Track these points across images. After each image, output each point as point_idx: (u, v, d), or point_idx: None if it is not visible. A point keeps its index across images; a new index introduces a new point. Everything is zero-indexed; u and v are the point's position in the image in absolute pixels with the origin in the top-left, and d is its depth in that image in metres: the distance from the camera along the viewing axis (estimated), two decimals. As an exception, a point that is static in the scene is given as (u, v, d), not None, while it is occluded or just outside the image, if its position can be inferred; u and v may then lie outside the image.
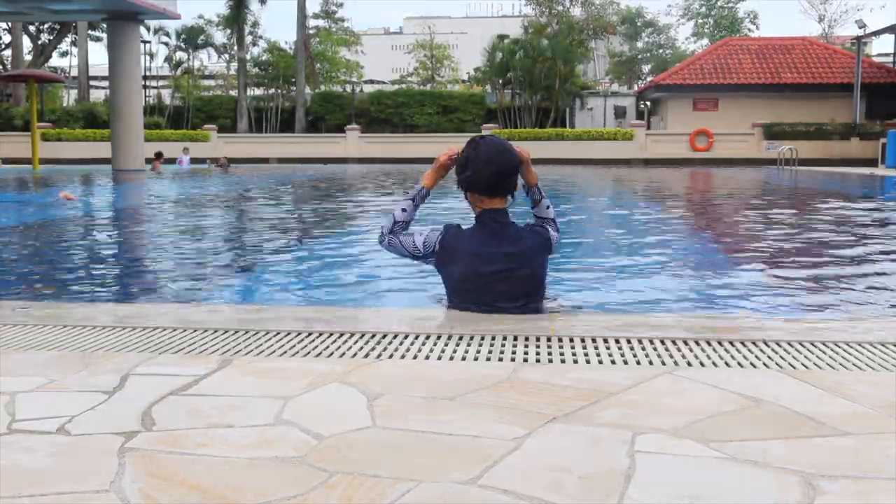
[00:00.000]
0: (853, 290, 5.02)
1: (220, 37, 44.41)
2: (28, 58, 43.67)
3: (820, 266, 6.12)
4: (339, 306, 4.38)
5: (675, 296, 4.88)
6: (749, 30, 51.28)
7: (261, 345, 2.73)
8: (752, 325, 3.14)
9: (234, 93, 42.55)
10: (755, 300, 4.73)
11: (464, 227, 3.48)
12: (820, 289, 5.12)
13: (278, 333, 2.88)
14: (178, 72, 44.07)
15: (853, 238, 7.97)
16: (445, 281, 3.52)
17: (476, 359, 2.55)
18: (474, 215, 3.45)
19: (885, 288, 5.19)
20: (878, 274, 5.78)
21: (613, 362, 2.52)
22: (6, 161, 28.95)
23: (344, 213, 11.41)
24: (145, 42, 40.18)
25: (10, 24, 40.24)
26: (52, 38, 44.60)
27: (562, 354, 2.61)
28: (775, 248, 7.15)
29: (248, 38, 42.80)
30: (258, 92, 43.42)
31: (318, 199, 14.45)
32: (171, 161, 28.30)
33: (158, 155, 25.57)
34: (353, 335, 2.86)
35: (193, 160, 29.49)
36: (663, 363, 2.50)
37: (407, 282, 4.94)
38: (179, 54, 44.23)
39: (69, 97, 50.45)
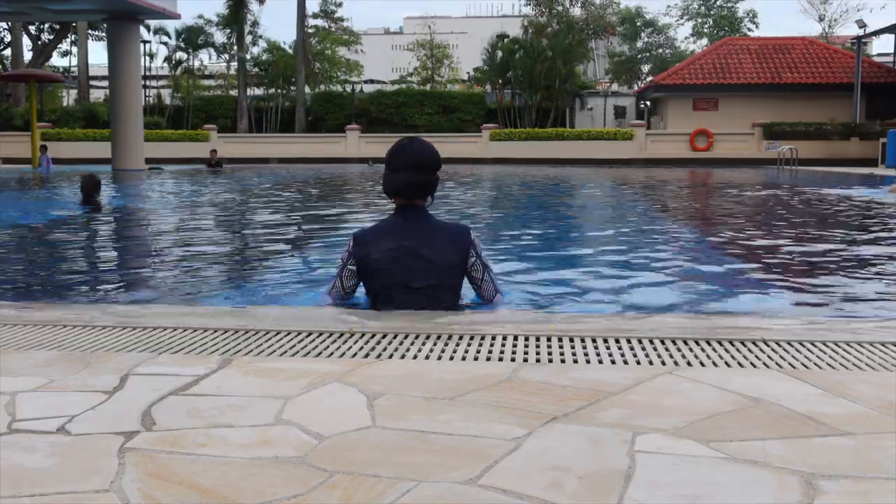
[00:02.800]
0: (853, 290, 5.01)
1: (220, 37, 44.47)
2: (28, 57, 43.66)
3: (820, 266, 6.11)
4: (339, 306, 4.37)
5: (675, 296, 4.87)
6: (749, 29, 51.24)
7: (261, 345, 2.73)
8: (752, 325, 3.14)
9: (234, 93, 42.54)
10: (755, 300, 4.73)
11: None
12: (820, 289, 5.11)
13: (278, 333, 2.88)
14: (178, 72, 44.06)
15: (853, 238, 7.97)
16: (363, 275, 3.51)
17: (476, 359, 2.55)
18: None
19: (885, 288, 5.19)
20: (878, 274, 5.78)
21: (613, 362, 2.52)
22: (6, 161, 28.96)
23: (344, 212, 11.40)
24: (145, 42, 40.17)
25: (10, 23, 40.24)
26: (52, 38, 44.59)
27: (562, 354, 2.61)
28: (775, 247, 7.14)
29: (248, 38, 42.81)
30: (258, 92, 43.41)
31: (318, 198, 14.45)
32: (26, 161, 26.77)
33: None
34: (353, 335, 2.86)
35: (198, 160, 29.24)
36: (663, 363, 2.50)
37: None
38: (179, 54, 44.26)
39: (69, 97, 50.43)
